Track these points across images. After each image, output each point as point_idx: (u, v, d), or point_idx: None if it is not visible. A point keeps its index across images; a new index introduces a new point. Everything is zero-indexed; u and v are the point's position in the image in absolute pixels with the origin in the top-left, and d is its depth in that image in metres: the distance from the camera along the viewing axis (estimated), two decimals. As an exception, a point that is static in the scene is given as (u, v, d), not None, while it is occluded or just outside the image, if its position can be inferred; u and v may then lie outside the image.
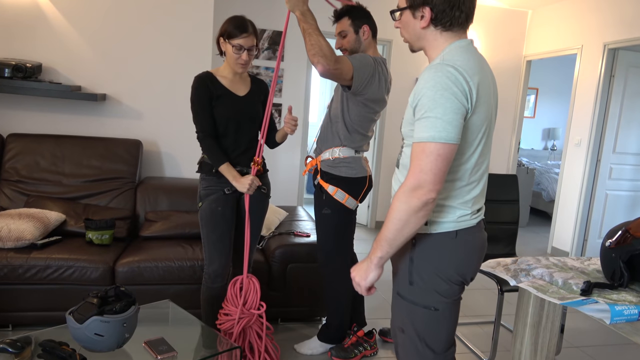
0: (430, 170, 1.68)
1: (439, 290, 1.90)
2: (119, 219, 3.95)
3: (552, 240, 6.83)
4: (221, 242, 3.06)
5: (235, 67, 2.99)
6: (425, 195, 1.68)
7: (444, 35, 1.84)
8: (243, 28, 2.91)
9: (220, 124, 2.99)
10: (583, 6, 6.47)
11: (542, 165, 9.75)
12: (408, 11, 1.86)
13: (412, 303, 1.94)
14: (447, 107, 1.67)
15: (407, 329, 1.97)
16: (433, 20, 1.81)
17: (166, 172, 4.79)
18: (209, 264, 3.09)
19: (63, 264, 3.38)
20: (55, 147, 4.19)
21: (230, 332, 2.96)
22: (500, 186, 4.06)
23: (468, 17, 1.84)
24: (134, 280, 3.49)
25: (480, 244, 1.98)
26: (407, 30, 1.93)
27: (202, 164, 3.10)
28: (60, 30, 4.39)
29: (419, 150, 1.70)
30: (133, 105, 4.63)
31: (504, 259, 2.72)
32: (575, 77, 6.50)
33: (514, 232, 4.04)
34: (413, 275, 1.92)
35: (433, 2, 1.78)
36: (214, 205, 3.03)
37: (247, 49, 2.94)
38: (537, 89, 10.41)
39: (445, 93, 1.67)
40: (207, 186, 3.06)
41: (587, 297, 2.12)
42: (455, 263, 1.90)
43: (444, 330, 1.95)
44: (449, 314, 1.94)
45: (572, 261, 2.68)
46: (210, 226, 3.04)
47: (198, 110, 2.96)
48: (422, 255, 1.90)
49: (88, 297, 2.19)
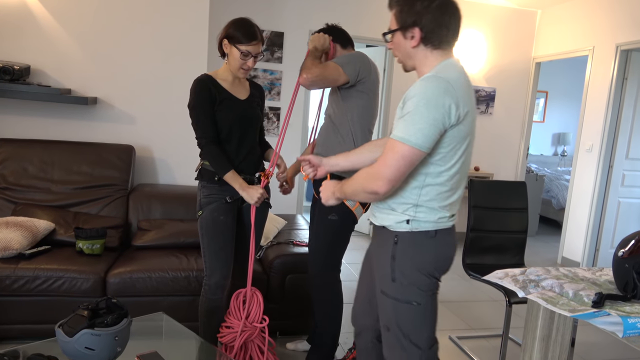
0: (392, 166, 1.93)
1: (420, 285, 2.12)
2: (110, 228, 3.95)
3: (562, 250, 6.83)
4: (223, 252, 3.05)
5: (237, 72, 2.99)
6: (379, 187, 1.96)
7: (434, 53, 2.07)
8: (252, 35, 2.91)
9: (223, 129, 2.98)
10: (594, 5, 6.49)
11: (551, 171, 9.77)
12: (399, 32, 2.09)
13: (395, 300, 2.15)
14: (426, 117, 1.89)
15: (392, 326, 2.18)
16: (423, 40, 2.04)
17: (160, 179, 4.80)
18: (209, 275, 3.07)
19: (52, 275, 3.38)
20: (44, 153, 4.19)
21: (232, 346, 2.98)
22: (509, 193, 4.07)
23: (455, 35, 2.08)
24: (126, 292, 3.49)
25: (454, 243, 2.22)
26: (399, 50, 2.15)
27: (203, 171, 3.07)
28: (49, 31, 4.41)
29: (390, 145, 1.96)
30: (125, 109, 4.64)
31: (512, 270, 2.73)
32: (587, 79, 6.52)
33: (522, 242, 4.04)
34: (395, 272, 2.13)
35: (422, 22, 2.01)
36: (216, 213, 3.02)
37: (254, 55, 2.95)
38: (547, 92, 10.44)
39: (430, 103, 1.89)
40: (209, 194, 3.05)
41: (599, 310, 2.12)
42: (434, 258, 2.14)
43: (426, 325, 2.17)
44: (430, 308, 2.17)
45: (583, 272, 2.69)
46: (211, 235, 3.03)
47: (200, 115, 2.94)
48: (404, 252, 2.12)
49: (78, 309, 2.19)
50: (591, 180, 6.39)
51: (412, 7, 2.02)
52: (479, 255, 3.92)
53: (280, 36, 6.46)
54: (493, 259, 3.94)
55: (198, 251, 3.82)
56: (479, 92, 7.43)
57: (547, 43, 7.35)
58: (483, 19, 7.31)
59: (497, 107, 7.58)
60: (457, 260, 6.25)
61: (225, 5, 6.19)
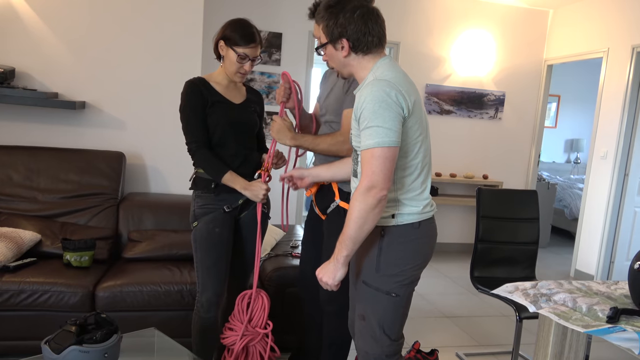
0: (381, 171, 2.15)
1: (403, 277, 2.37)
2: (99, 239, 3.95)
3: (576, 262, 6.83)
4: (216, 267, 3.04)
5: (233, 76, 3.00)
6: (379, 193, 2.15)
7: (366, 58, 2.35)
8: (251, 37, 2.92)
9: (214, 133, 2.98)
10: (609, 5, 6.52)
11: (564, 179, 9.78)
12: (330, 45, 2.38)
13: (376, 290, 2.39)
14: (386, 116, 2.14)
15: (368, 315, 2.43)
16: (352, 49, 2.32)
17: (151, 188, 4.81)
18: (202, 291, 3.07)
19: (38, 289, 3.38)
20: (30, 160, 4.20)
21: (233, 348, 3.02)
22: (519, 203, 4.07)
23: (381, 39, 2.35)
24: (116, 306, 3.49)
25: (435, 233, 2.50)
26: (333, 61, 2.43)
27: (197, 179, 3.06)
28: (36, 32, 4.42)
29: (368, 156, 2.17)
30: (115, 114, 4.65)
31: (523, 283, 2.74)
32: (601, 83, 6.54)
33: (533, 254, 4.04)
34: (380, 263, 2.38)
35: (348, 34, 2.29)
36: (211, 225, 3.01)
37: (252, 59, 2.96)
38: (559, 96, 10.47)
39: (382, 104, 2.15)
40: (204, 204, 3.04)
41: (614, 325, 2.13)
42: (418, 249, 2.40)
43: (399, 318, 2.43)
44: (406, 301, 2.43)
45: (597, 285, 2.69)
46: (205, 249, 3.02)
47: (190, 118, 2.94)
48: (390, 245, 2.36)
49: (66, 324, 2.20)
50: (606, 188, 6.40)
51: (337, 21, 2.30)
52: (487, 268, 3.93)
53: (279, 37, 6.48)
54: (502, 271, 3.94)
55: (192, 264, 3.81)
56: (487, 95, 7.45)
57: (559, 44, 7.37)
58: (492, 19, 7.34)
59: (506, 111, 7.60)
60: (465, 274, 6.25)
61: (221, 4, 6.22)
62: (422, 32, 7.13)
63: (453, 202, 7.28)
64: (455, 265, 6.90)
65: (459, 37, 7.25)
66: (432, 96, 7.26)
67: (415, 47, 7.12)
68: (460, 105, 7.39)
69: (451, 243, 7.62)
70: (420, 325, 4.69)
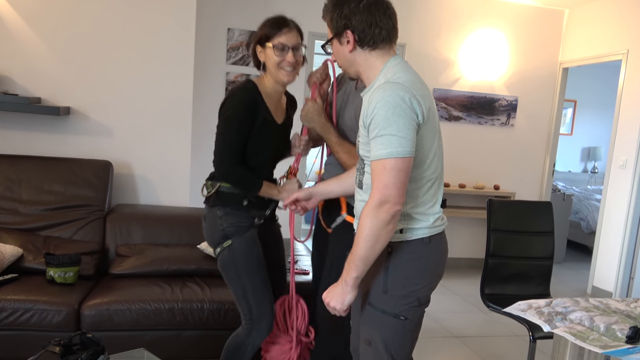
0: (394, 184, 2.07)
1: (412, 297, 2.29)
2: (85, 254, 3.95)
3: (593, 278, 6.84)
4: (266, 287, 2.96)
5: (280, 74, 2.84)
6: (392, 208, 2.07)
7: (373, 54, 2.29)
8: (283, 22, 2.84)
9: (257, 155, 2.91)
10: (629, 4, 6.54)
11: (580, 190, 9.79)
12: (335, 40, 2.34)
13: (382, 312, 2.30)
14: (400, 124, 2.06)
15: (375, 340, 2.34)
16: (358, 42, 2.26)
17: (141, 199, 4.81)
18: (258, 319, 2.94)
19: (20, 307, 3.38)
20: (11, 169, 4.21)
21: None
22: (532, 215, 4.08)
23: (390, 33, 2.28)
24: (102, 326, 3.48)
25: (446, 248, 2.43)
26: (339, 58, 2.39)
27: (223, 195, 2.93)
28: (18, 34, 4.43)
29: (380, 167, 2.09)
30: (102, 120, 4.65)
31: (537, 301, 2.74)
32: (620, 87, 6.57)
33: (548, 269, 4.05)
34: (388, 284, 2.29)
35: (352, 24, 2.23)
36: (251, 244, 2.94)
37: (292, 47, 2.82)
38: (575, 101, 10.49)
39: (396, 110, 2.06)
40: (236, 222, 2.92)
41: (634, 346, 2.14)
42: (428, 267, 2.33)
43: (409, 342, 2.37)
44: (415, 325, 2.36)
45: (616, 303, 2.70)
46: (250, 273, 2.92)
47: (235, 135, 2.81)
48: (398, 262, 2.28)
49: (49, 345, 2.21)
50: (625, 199, 6.41)
51: (341, 12, 2.26)
52: (499, 284, 3.93)
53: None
54: (515, 288, 3.95)
55: (183, 280, 3.84)
56: (499, 101, 7.47)
57: (575, 46, 7.40)
58: (504, 18, 7.37)
59: (519, 117, 7.62)
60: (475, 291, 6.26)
61: (215, 5, 6.21)
62: (429, 33, 7.16)
63: (462, 214, 7.29)
64: (464, 281, 6.90)
65: (468, 38, 7.28)
66: (440, 101, 7.28)
67: (422, 48, 7.15)
68: (470, 111, 7.41)
69: (460, 258, 7.60)
70: (427, 345, 4.70)
